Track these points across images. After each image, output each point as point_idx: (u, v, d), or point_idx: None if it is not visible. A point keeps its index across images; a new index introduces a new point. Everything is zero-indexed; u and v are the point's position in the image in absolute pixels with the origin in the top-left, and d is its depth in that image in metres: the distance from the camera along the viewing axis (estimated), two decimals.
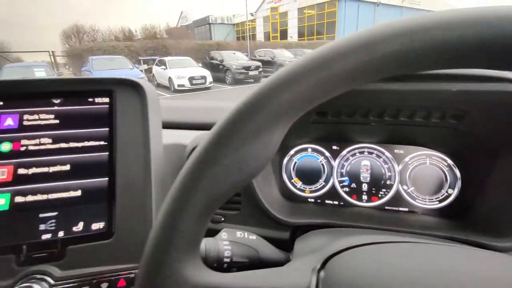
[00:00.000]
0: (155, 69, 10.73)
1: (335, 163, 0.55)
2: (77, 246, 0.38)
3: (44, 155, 0.41)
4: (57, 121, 0.42)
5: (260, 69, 10.93)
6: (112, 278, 0.37)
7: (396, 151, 0.52)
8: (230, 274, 0.25)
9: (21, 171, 0.40)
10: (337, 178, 0.55)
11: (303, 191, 0.56)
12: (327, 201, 0.55)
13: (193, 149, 0.53)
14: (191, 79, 9.12)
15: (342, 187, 0.54)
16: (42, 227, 0.38)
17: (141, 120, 0.44)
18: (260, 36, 28.87)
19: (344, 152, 0.54)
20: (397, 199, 0.52)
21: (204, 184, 0.20)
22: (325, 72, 0.18)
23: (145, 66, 12.57)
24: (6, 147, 0.40)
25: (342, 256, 0.27)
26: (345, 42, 0.18)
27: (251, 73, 10.62)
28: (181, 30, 30.10)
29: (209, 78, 9.57)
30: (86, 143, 0.42)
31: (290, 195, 0.56)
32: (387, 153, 0.53)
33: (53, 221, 0.38)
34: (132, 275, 0.38)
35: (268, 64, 12.39)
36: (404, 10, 24.15)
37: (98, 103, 0.44)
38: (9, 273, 0.35)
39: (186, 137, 0.57)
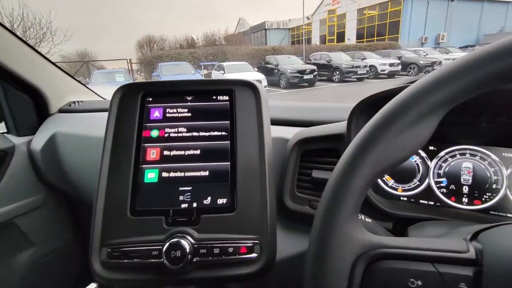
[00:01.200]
0: (214, 73, 11.42)
1: (431, 164, 0.54)
2: (207, 216, 0.46)
3: (181, 141, 0.51)
4: (189, 114, 0.52)
5: (315, 73, 10.76)
6: (235, 244, 0.44)
7: (504, 154, 0.50)
8: (390, 238, 0.28)
9: (165, 152, 0.50)
10: (433, 178, 0.54)
11: (395, 189, 0.57)
12: (421, 201, 0.55)
13: (296, 143, 0.59)
14: None
15: (439, 188, 0.54)
16: (181, 197, 0.47)
17: (255, 115, 0.51)
18: (315, 40, 28.39)
19: (442, 153, 0.54)
20: (505, 204, 0.49)
21: (367, 161, 0.24)
22: (481, 72, 0.21)
23: (205, 71, 13.48)
24: (155, 133, 0.51)
25: (494, 230, 0.28)
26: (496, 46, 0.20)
27: (305, 77, 10.54)
28: (238, 36, 31.45)
29: (264, 82, 9.78)
30: (212, 133, 0.51)
31: (381, 191, 0.58)
32: (493, 156, 0.50)
33: (189, 194, 0.48)
34: (250, 244, 0.44)
35: (323, 67, 12.12)
36: (485, 4, 21.17)
37: (221, 100, 0.53)
38: (162, 230, 0.45)
39: (288, 133, 0.63)
